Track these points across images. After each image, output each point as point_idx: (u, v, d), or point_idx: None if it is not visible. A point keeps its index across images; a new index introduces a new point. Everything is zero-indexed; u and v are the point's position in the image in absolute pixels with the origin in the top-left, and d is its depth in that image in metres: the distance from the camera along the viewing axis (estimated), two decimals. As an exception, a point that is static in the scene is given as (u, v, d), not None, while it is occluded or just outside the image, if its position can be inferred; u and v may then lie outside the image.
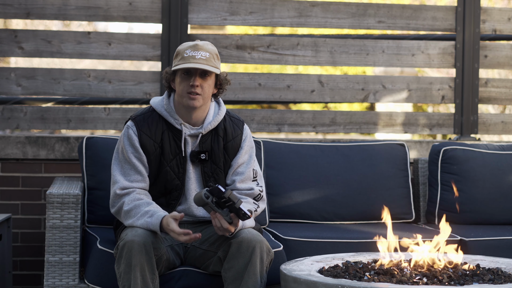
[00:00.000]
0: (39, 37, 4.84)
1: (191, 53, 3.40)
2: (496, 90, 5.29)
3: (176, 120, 3.50)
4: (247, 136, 3.62)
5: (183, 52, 3.42)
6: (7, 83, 4.81)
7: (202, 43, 3.45)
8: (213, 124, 3.54)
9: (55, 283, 3.71)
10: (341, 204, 4.43)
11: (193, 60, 3.39)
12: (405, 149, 4.61)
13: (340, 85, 5.13)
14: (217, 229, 3.32)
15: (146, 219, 3.33)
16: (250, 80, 5.05)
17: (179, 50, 3.45)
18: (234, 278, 3.32)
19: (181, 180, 3.52)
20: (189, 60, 3.40)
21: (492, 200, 4.54)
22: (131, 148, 3.48)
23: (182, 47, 3.45)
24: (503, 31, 5.29)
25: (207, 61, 3.41)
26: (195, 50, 3.41)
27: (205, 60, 3.40)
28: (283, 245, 3.80)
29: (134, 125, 3.50)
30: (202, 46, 3.43)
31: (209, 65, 3.41)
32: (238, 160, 3.58)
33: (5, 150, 4.72)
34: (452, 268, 3.12)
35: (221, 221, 3.28)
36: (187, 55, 3.40)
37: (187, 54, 3.41)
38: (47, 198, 3.70)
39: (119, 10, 4.89)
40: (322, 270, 3.15)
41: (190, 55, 3.40)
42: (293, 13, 5.06)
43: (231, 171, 3.57)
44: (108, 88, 4.89)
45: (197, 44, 3.44)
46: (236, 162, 3.57)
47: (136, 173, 3.47)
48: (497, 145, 4.70)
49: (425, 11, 5.21)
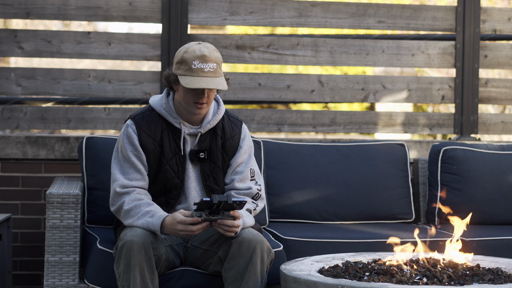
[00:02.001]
0: (39, 37, 4.84)
1: (199, 65, 3.36)
2: (496, 90, 5.29)
3: (176, 119, 3.50)
4: (246, 136, 3.63)
5: (190, 63, 3.36)
6: (7, 83, 4.81)
7: (209, 53, 3.39)
8: (212, 123, 3.54)
9: (55, 283, 3.71)
10: (341, 204, 4.43)
11: (202, 74, 3.35)
12: (405, 149, 4.61)
13: (340, 85, 5.13)
14: (226, 233, 3.32)
15: (147, 219, 3.33)
16: (250, 80, 5.05)
17: (185, 59, 3.38)
18: (235, 278, 3.32)
19: (181, 179, 3.52)
20: (197, 73, 3.35)
21: (492, 200, 4.54)
22: (130, 147, 3.49)
23: (189, 56, 3.38)
24: (503, 31, 5.29)
25: (215, 73, 3.38)
26: (203, 62, 3.36)
27: (213, 72, 3.37)
28: (283, 245, 3.80)
29: (133, 124, 3.51)
30: (209, 56, 3.38)
31: (217, 76, 3.38)
32: (237, 160, 3.58)
33: (5, 150, 4.71)
34: (452, 268, 3.12)
35: (226, 224, 3.29)
36: (195, 67, 3.36)
37: (195, 66, 3.36)
38: (47, 198, 3.70)
39: (119, 10, 4.89)
40: (322, 270, 3.15)
41: (199, 68, 3.36)
42: (293, 13, 5.06)
43: (230, 171, 3.58)
44: (108, 88, 4.89)
45: (205, 55, 3.37)
46: (235, 162, 3.58)
47: (135, 172, 3.48)
48: (497, 145, 4.70)
49: (425, 11, 5.21)
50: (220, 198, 3.19)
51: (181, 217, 3.27)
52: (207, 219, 3.24)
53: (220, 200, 3.19)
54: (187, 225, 3.26)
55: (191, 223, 3.25)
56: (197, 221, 3.24)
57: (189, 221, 3.25)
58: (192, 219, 3.24)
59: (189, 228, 3.26)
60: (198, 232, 3.28)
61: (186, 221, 3.25)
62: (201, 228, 3.26)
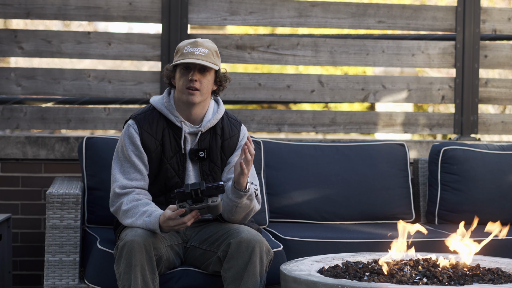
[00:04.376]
0: (39, 37, 4.84)
1: (190, 49, 3.45)
2: (496, 90, 5.29)
3: (176, 118, 3.52)
4: (245, 136, 3.63)
5: (182, 49, 3.47)
6: (7, 83, 4.81)
7: (202, 40, 3.49)
8: (212, 122, 3.55)
9: (55, 283, 3.71)
10: (341, 204, 4.43)
11: (191, 56, 3.43)
12: (405, 149, 4.61)
13: (340, 85, 5.13)
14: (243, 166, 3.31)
15: (145, 218, 3.33)
16: (250, 80, 5.05)
17: (179, 47, 3.50)
18: (234, 278, 3.32)
19: (181, 177, 3.52)
20: (188, 56, 3.44)
21: (492, 200, 4.54)
22: (131, 146, 3.49)
23: (182, 44, 3.50)
24: (503, 31, 5.29)
25: (206, 57, 3.44)
26: (194, 46, 3.46)
27: (204, 56, 3.44)
28: (283, 245, 3.80)
29: (135, 124, 3.52)
30: (201, 43, 3.47)
31: (208, 61, 3.44)
32: (235, 158, 3.58)
33: (5, 150, 4.72)
34: (452, 268, 3.12)
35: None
36: (186, 51, 3.45)
37: (186, 50, 3.45)
38: (47, 198, 3.70)
39: (119, 10, 4.89)
40: (322, 270, 3.15)
41: (189, 51, 3.44)
42: (293, 13, 5.06)
43: (227, 169, 3.58)
44: (108, 88, 4.90)
45: (197, 41, 3.48)
46: (232, 160, 3.58)
47: (136, 172, 3.48)
48: (497, 145, 4.70)
49: (425, 11, 5.21)
50: (193, 186, 3.18)
51: (169, 212, 3.26)
52: (191, 209, 3.23)
53: (192, 188, 3.18)
54: (177, 219, 3.25)
55: (178, 215, 3.23)
56: (182, 213, 3.23)
57: (174, 215, 3.23)
58: (176, 212, 3.23)
59: (180, 221, 3.25)
60: (190, 223, 3.25)
61: (171, 216, 3.24)
62: (191, 217, 3.24)
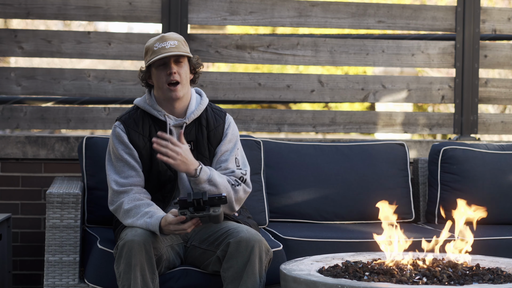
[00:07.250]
0: (39, 37, 4.84)
1: (160, 45, 3.46)
2: (496, 90, 5.29)
3: (159, 112, 3.54)
4: (230, 124, 3.65)
5: (152, 47, 3.48)
6: (7, 82, 4.81)
7: (168, 34, 3.52)
8: (196, 113, 3.57)
9: (55, 283, 3.71)
10: (341, 204, 4.43)
11: (164, 51, 3.45)
12: (405, 149, 4.61)
13: (340, 85, 5.13)
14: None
15: (146, 219, 3.33)
16: (250, 80, 5.05)
17: (147, 47, 3.51)
18: (233, 278, 3.32)
19: (173, 170, 3.53)
20: (160, 52, 3.45)
21: (492, 200, 4.53)
22: (121, 145, 3.51)
23: (150, 43, 3.50)
24: (503, 31, 5.29)
25: (177, 48, 3.47)
26: (163, 41, 3.47)
27: (175, 47, 3.46)
28: (283, 245, 3.80)
29: (121, 124, 3.56)
30: (168, 36, 3.50)
31: (181, 51, 3.47)
32: (222, 148, 3.59)
33: (5, 150, 4.72)
34: (452, 268, 3.12)
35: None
36: (157, 48, 3.46)
37: (156, 47, 3.46)
38: (47, 197, 3.70)
39: (119, 10, 4.89)
40: (322, 270, 3.15)
41: (161, 47, 3.46)
42: (293, 13, 5.06)
43: (215, 159, 3.59)
44: (108, 88, 4.90)
45: (163, 35, 3.50)
46: (220, 150, 3.59)
47: (130, 169, 3.49)
48: (497, 145, 4.70)
49: (425, 11, 5.21)
50: (195, 196, 3.20)
51: (170, 217, 3.28)
52: (192, 217, 3.24)
53: (195, 198, 3.19)
54: (178, 225, 3.26)
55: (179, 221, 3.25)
56: (182, 220, 3.25)
57: (175, 221, 3.25)
58: (177, 219, 3.25)
59: (180, 227, 3.27)
60: (190, 230, 3.28)
61: (172, 221, 3.26)
62: (191, 225, 3.26)
